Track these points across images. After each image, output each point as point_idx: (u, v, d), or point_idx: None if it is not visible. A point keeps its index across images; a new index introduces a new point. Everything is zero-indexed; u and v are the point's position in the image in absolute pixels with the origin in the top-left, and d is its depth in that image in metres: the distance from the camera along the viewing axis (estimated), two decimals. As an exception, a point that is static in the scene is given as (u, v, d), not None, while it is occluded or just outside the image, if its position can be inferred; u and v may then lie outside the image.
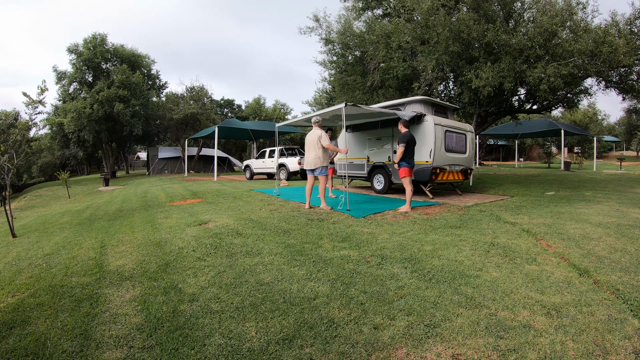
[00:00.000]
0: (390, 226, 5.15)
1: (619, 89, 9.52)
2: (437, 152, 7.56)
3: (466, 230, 4.86)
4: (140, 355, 2.19)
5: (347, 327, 2.44)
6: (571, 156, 27.71)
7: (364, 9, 11.67)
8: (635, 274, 3.19)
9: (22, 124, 6.55)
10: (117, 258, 4.09)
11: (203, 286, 3.16)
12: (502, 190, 9.25)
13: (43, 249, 4.87)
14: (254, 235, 4.73)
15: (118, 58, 23.48)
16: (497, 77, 7.82)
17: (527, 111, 11.99)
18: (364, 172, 9.45)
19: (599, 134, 29.34)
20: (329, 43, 12.37)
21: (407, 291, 2.96)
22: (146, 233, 5.17)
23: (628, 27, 8.58)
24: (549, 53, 7.96)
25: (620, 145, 43.76)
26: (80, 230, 6.07)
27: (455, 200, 7.60)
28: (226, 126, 17.47)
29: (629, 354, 2.10)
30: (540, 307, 2.66)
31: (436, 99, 9.22)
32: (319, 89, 29.75)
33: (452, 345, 2.21)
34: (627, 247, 3.94)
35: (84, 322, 2.62)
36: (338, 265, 3.57)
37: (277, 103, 40.25)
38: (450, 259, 3.69)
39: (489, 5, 8.42)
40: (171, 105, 24.44)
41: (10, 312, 2.87)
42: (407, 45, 9.14)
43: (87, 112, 21.06)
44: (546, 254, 3.83)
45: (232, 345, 2.26)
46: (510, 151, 37.27)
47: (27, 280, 3.59)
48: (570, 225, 4.94)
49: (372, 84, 10.88)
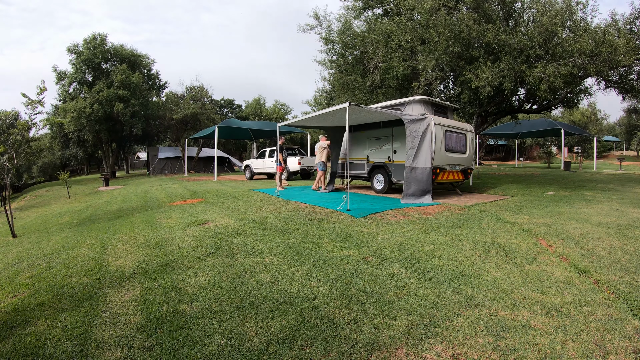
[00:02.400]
0: (390, 226, 5.15)
1: (618, 89, 9.52)
2: (437, 152, 7.56)
3: (466, 230, 4.86)
4: (140, 355, 2.19)
5: (347, 327, 2.44)
6: (571, 156, 27.72)
7: (364, 8, 11.66)
8: (635, 274, 3.19)
9: (21, 124, 6.54)
10: (117, 258, 4.09)
11: (203, 286, 3.16)
12: (502, 190, 9.25)
13: (43, 249, 4.87)
14: (254, 235, 4.72)
15: (118, 58, 23.48)
16: (497, 76, 7.82)
17: (527, 111, 11.99)
18: (364, 172, 9.45)
19: (598, 133, 29.31)
20: (329, 42, 12.35)
21: (407, 291, 2.96)
22: (146, 233, 5.17)
23: (628, 27, 8.58)
24: (548, 53, 7.96)
25: (620, 145, 43.74)
26: (81, 230, 6.07)
27: (455, 200, 7.60)
28: (226, 126, 17.45)
29: (629, 354, 2.10)
30: (540, 307, 2.66)
31: (436, 98, 9.22)
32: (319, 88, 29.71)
33: (452, 345, 2.21)
34: (627, 246, 3.94)
35: (84, 322, 2.62)
36: (338, 265, 3.57)
37: (277, 103, 40.28)
38: (450, 259, 3.69)
39: (489, 5, 8.42)
40: (171, 105, 24.43)
41: (11, 312, 2.87)
42: (407, 44, 9.14)
43: (87, 112, 21.07)
44: (546, 254, 3.83)
45: (232, 345, 2.26)
46: (510, 151, 37.27)
47: (27, 280, 3.59)
48: (570, 225, 4.94)
49: (372, 83, 10.87)
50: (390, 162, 8.62)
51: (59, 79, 23.37)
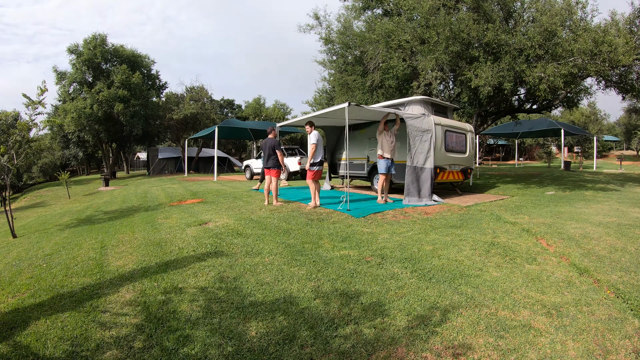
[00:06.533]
0: (390, 226, 5.15)
1: (618, 89, 9.52)
2: (437, 152, 7.55)
3: (466, 230, 4.86)
4: (140, 355, 2.19)
5: (347, 327, 2.44)
6: (571, 156, 27.72)
7: (364, 8, 11.65)
8: (635, 274, 3.19)
9: (22, 125, 6.54)
10: (117, 258, 4.09)
11: (203, 286, 3.16)
12: (502, 190, 9.25)
13: (43, 250, 4.87)
14: (254, 235, 4.73)
15: (118, 58, 23.49)
16: (496, 76, 7.82)
17: (527, 111, 11.98)
18: (364, 171, 9.45)
19: (598, 133, 29.30)
20: (329, 42, 12.36)
21: (407, 291, 2.96)
22: (146, 233, 5.17)
23: (627, 27, 8.58)
24: (548, 53, 7.95)
25: (620, 144, 43.74)
26: (81, 231, 6.07)
27: (455, 200, 7.60)
28: (226, 126, 17.45)
29: (629, 354, 2.10)
30: (541, 307, 2.66)
31: (436, 98, 9.21)
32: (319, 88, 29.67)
33: (452, 345, 2.21)
34: (627, 246, 3.94)
35: (84, 322, 2.62)
36: (338, 265, 3.57)
37: (277, 103, 40.30)
38: (451, 259, 3.69)
39: (488, 5, 8.42)
40: (171, 105, 24.44)
41: (11, 313, 2.87)
42: (407, 44, 9.14)
43: (87, 112, 21.06)
44: (546, 254, 3.83)
45: (232, 345, 2.26)
46: (510, 151, 37.25)
47: (28, 281, 3.59)
48: (571, 224, 4.94)
49: (372, 83, 10.87)
50: None
51: (59, 79, 23.38)
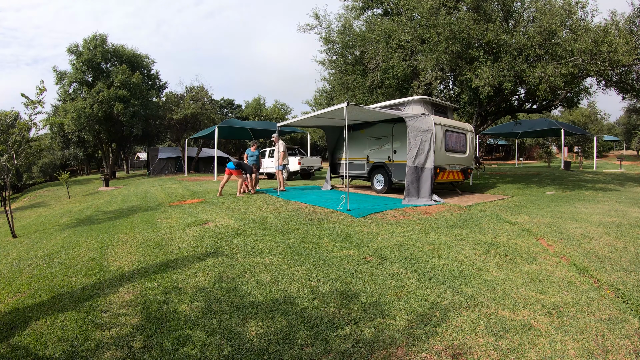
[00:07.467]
0: (390, 226, 5.15)
1: (618, 88, 9.52)
2: (438, 152, 7.56)
3: (466, 229, 4.86)
4: (140, 355, 2.19)
5: (347, 327, 2.44)
6: (571, 155, 27.71)
7: (364, 8, 11.65)
8: (635, 274, 3.19)
9: (21, 124, 6.53)
10: (117, 258, 4.09)
11: (203, 286, 3.16)
12: (502, 190, 9.25)
13: (43, 250, 4.87)
14: (254, 235, 4.72)
15: (118, 58, 23.47)
16: (496, 76, 7.82)
17: (527, 111, 11.98)
18: (364, 171, 9.45)
19: (598, 133, 29.31)
20: (329, 42, 12.36)
21: (407, 291, 2.96)
22: (146, 233, 5.17)
23: (627, 27, 8.58)
24: (548, 52, 7.95)
25: (620, 144, 43.76)
26: (81, 231, 6.07)
27: (455, 200, 7.60)
28: (226, 126, 17.45)
29: (629, 354, 2.10)
30: (541, 307, 2.66)
31: (436, 98, 9.21)
32: (319, 88, 29.71)
33: (452, 345, 2.21)
34: (627, 246, 3.94)
35: (84, 322, 2.62)
36: (338, 265, 3.57)
37: (277, 103, 40.34)
38: (451, 259, 3.69)
39: (488, 5, 8.42)
40: (171, 105, 24.43)
41: (11, 313, 2.87)
42: (407, 44, 9.14)
43: (87, 112, 21.05)
44: (546, 254, 3.83)
45: (232, 345, 2.26)
46: (510, 151, 37.25)
47: (28, 281, 3.59)
48: (570, 224, 4.94)
49: (372, 83, 10.87)
50: (391, 162, 8.62)
51: (59, 79, 23.36)
